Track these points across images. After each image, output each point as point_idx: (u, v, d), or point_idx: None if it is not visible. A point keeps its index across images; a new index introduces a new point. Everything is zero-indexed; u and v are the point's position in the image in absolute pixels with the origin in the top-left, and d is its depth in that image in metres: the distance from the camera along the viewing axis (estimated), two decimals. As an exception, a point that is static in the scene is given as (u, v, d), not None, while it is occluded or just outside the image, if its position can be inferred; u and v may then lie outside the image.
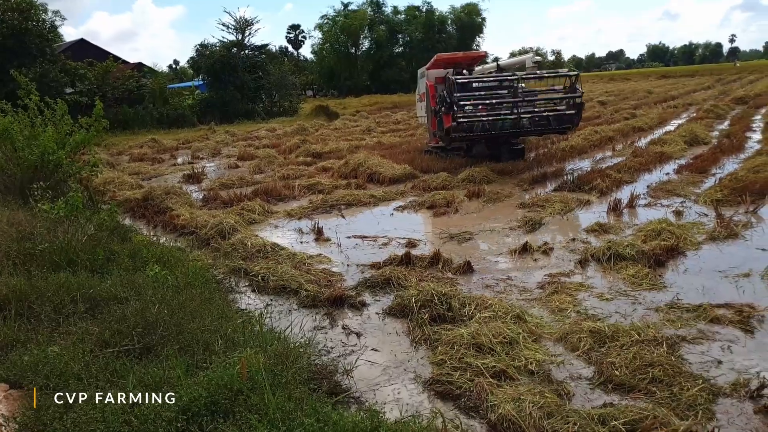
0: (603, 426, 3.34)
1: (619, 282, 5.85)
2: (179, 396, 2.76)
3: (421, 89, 14.70)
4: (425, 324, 4.94)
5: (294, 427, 2.51)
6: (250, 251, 7.21)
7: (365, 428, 2.56)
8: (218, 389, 2.82)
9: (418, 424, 2.85)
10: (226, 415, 2.73)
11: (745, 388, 3.76)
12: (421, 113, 15.24)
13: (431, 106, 13.13)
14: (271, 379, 2.94)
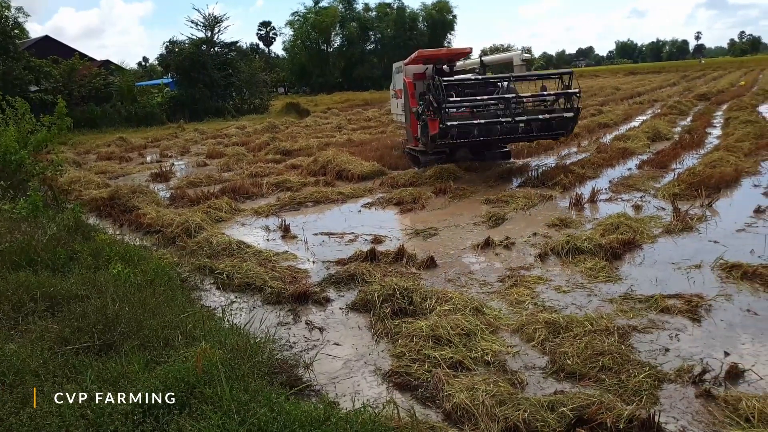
0: (552, 412, 3.47)
1: (576, 275, 6.03)
2: (136, 390, 2.79)
3: (398, 85, 13.65)
4: (387, 318, 5.03)
5: (247, 418, 2.56)
6: (216, 249, 7.21)
7: (318, 417, 2.62)
8: (174, 383, 2.86)
9: (370, 413, 2.92)
10: (182, 408, 2.77)
11: (688, 374, 3.93)
12: (397, 111, 14.26)
13: (410, 105, 12.26)
14: (228, 372, 2.99)
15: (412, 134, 12.48)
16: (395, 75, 13.91)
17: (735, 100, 25.02)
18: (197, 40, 37.91)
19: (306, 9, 69.77)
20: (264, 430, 2.49)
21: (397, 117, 14.43)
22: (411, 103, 12.12)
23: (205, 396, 2.77)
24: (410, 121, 12.40)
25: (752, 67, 66.91)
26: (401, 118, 13.61)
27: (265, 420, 2.52)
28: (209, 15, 38.28)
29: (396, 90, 13.91)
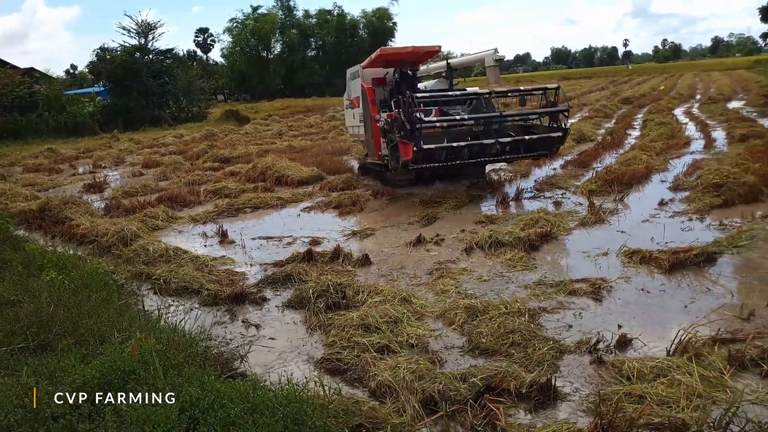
0: (464, 383, 3.88)
1: (497, 265, 6.52)
2: (73, 380, 2.98)
3: (354, 93, 11.91)
4: (321, 312, 5.34)
5: (181, 396, 2.82)
6: (153, 256, 7.29)
7: (245, 392, 2.91)
8: (111, 371, 3.07)
9: (294, 387, 3.22)
10: (116, 393, 2.98)
11: (586, 345, 4.44)
12: (353, 122, 12.26)
13: (371, 113, 10.66)
14: (162, 361, 3.22)
15: (375, 148, 10.80)
16: (350, 82, 12.16)
17: (654, 103, 26.73)
18: (130, 47, 37.02)
19: (244, 16, 69.29)
20: (195, 405, 2.75)
21: (354, 129, 12.47)
22: (372, 112, 10.62)
23: (141, 379, 3.00)
24: (372, 132, 10.70)
25: (673, 72, 71.05)
26: (359, 130, 11.83)
27: (196, 397, 2.79)
28: (142, 22, 37.51)
29: (352, 98, 12.10)
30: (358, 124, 11.84)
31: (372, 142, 10.91)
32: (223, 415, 2.66)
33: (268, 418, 2.67)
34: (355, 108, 11.93)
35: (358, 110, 11.68)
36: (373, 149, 10.96)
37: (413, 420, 3.57)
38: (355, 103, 11.84)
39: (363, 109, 11.19)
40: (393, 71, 11.18)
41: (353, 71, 11.95)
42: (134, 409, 2.72)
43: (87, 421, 2.73)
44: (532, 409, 3.69)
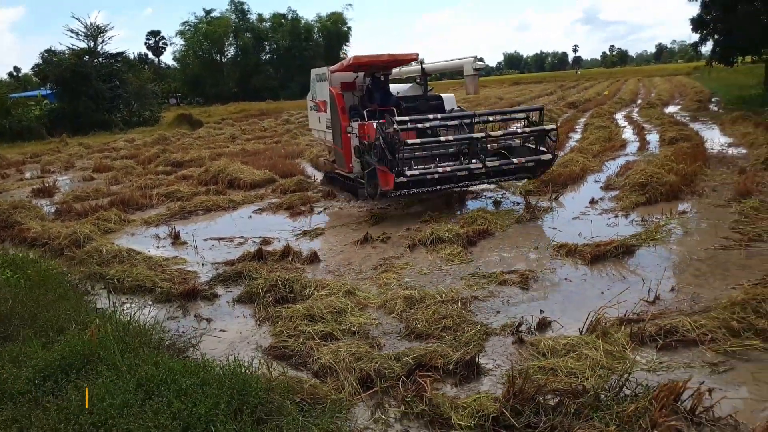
0: (398, 362, 4.30)
1: (437, 260, 6.99)
2: (36, 363, 3.25)
3: (320, 96, 11.27)
4: (269, 305, 5.68)
5: (137, 373, 3.12)
6: (106, 258, 7.46)
7: (196, 368, 3.24)
8: (71, 354, 3.34)
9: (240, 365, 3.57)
10: (78, 372, 3.26)
11: (510, 328, 4.93)
12: (319, 126, 11.65)
13: (341, 122, 10.02)
14: (120, 345, 3.51)
15: (345, 159, 10.14)
16: (316, 83, 11.53)
17: (597, 107, 27.95)
18: (79, 50, 36.21)
19: (197, 19, 68.45)
20: (150, 380, 3.07)
21: (319, 134, 11.92)
22: (342, 121, 9.98)
23: (100, 359, 3.29)
24: (342, 142, 10.06)
25: (618, 78, 73.89)
26: (326, 136, 11.22)
27: (151, 373, 3.10)
28: (91, 24, 36.74)
29: (317, 101, 11.50)
30: (324, 129, 11.24)
31: (342, 153, 10.22)
32: (175, 387, 2.99)
33: (216, 390, 3.02)
34: (321, 112, 11.33)
35: (324, 115, 11.07)
36: (343, 160, 10.24)
37: (351, 395, 3.97)
38: (321, 107, 11.24)
39: (331, 116, 10.53)
40: (363, 76, 10.68)
41: (320, 73, 11.25)
42: (95, 385, 3.02)
43: (51, 396, 3.01)
44: (458, 383, 4.14)
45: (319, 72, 11.37)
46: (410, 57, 10.62)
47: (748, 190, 8.88)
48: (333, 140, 10.78)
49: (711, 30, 25.76)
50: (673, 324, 4.65)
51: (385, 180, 8.51)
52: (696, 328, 4.57)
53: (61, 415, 2.68)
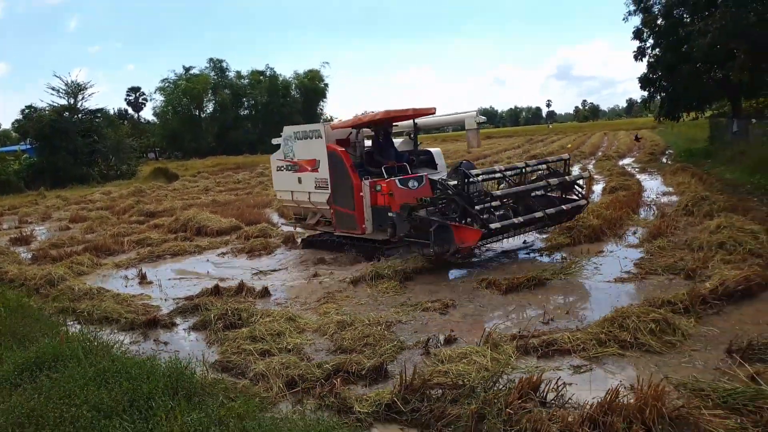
0: (319, 368, 5.17)
1: (375, 293, 7.91)
2: (15, 360, 4.05)
3: (301, 155, 10.76)
4: (219, 331, 6.52)
5: (95, 366, 3.95)
6: (78, 295, 8.24)
7: (144, 363, 4.08)
8: (44, 354, 4.15)
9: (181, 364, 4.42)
10: (49, 368, 4.07)
11: (422, 344, 5.83)
12: (296, 187, 10.97)
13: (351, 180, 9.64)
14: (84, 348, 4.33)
15: (357, 218, 9.69)
16: (293, 141, 10.93)
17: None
18: (59, 107, 37.34)
19: (176, 76, 70.32)
20: (106, 370, 3.90)
21: (297, 195, 11.13)
22: (354, 180, 9.63)
23: (67, 358, 4.11)
24: (354, 200, 9.64)
25: (586, 131, 77.18)
26: (313, 197, 10.66)
27: (107, 366, 3.93)
28: (72, 82, 38.01)
29: (296, 161, 10.90)
30: (310, 190, 10.61)
31: (352, 214, 9.76)
32: (126, 375, 3.83)
33: (159, 378, 3.87)
34: (302, 172, 10.74)
35: (311, 175, 10.51)
36: (353, 221, 9.78)
37: (277, 395, 4.81)
38: (305, 166, 10.65)
39: (332, 175, 10.06)
40: (357, 132, 10.48)
41: (302, 130, 10.77)
42: (62, 373, 3.84)
43: (28, 383, 3.82)
44: (368, 384, 5.02)
45: (301, 129, 10.82)
46: (430, 111, 10.51)
47: (660, 232, 10.02)
48: (332, 201, 10.20)
49: (657, 88, 27.85)
50: (554, 338, 5.61)
51: (464, 236, 8.17)
52: (572, 340, 5.53)
53: (35, 392, 3.49)
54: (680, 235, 9.91)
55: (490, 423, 4.05)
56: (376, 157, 10.32)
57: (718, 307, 6.19)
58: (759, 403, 3.95)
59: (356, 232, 9.94)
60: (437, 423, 4.23)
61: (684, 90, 25.38)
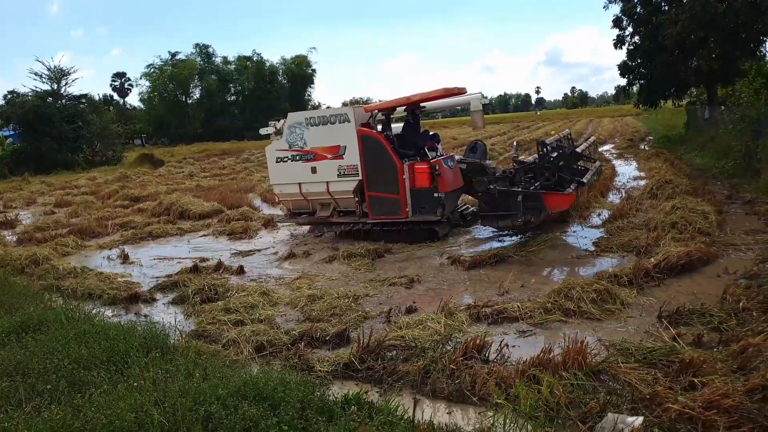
0: (286, 335, 5.61)
1: (348, 270, 8.35)
2: (1, 324, 4.45)
3: (316, 142, 10.07)
4: (197, 304, 6.94)
5: (76, 329, 4.35)
6: (62, 273, 8.60)
7: (120, 326, 4.49)
8: (29, 320, 4.55)
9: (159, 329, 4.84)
10: (34, 332, 4.47)
11: (384, 314, 6.28)
12: (308, 178, 10.25)
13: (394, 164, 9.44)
14: (66, 314, 4.73)
15: (401, 202, 9.52)
16: (303, 129, 10.14)
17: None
18: (42, 92, 37.19)
19: (162, 62, 69.86)
20: (86, 333, 4.31)
21: (309, 187, 10.35)
22: (397, 164, 9.45)
23: (50, 322, 4.51)
24: (398, 185, 9.45)
25: (573, 118, 77.79)
26: (333, 186, 10.11)
27: (87, 329, 4.34)
28: (55, 67, 37.85)
29: (310, 149, 10.14)
30: (332, 179, 10.03)
31: (397, 198, 9.54)
32: (104, 336, 4.24)
33: (135, 338, 4.28)
34: (322, 160, 10.04)
35: (335, 162, 9.94)
36: (399, 206, 9.56)
37: (246, 358, 5.25)
38: (324, 155, 10.02)
39: (366, 160, 9.69)
40: (374, 115, 10.20)
41: (320, 115, 10.09)
42: (46, 335, 4.25)
43: (14, 343, 4.22)
44: (331, 348, 5.47)
45: (318, 115, 10.15)
46: (462, 90, 10.44)
47: (622, 214, 10.51)
48: (367, 187, 9.77)
49: (635, 75, 28.31)
50: (505, 307, 6.09)
51: (556, 201, 8.88)
52: (521, 309, 6.01)
53: (20, 349, 3.89)
54: (641, 216, 10.42)
55: (435, 377, 4.52)
56: (412, 139, 10.34)
57: (660, 279, 6.70)
58: (671, 358, 4.44)
59: (398, 217, 9.70)
60: (389, 378, 4.70)
61: (661, 77, 25.84)
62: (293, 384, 3.66)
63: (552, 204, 8.88)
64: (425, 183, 9.37)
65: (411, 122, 10.67)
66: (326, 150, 10.08)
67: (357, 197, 10.07)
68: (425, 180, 9.36)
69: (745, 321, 5.08)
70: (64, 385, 3.54)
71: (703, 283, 6.55)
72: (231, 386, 3.39)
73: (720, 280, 6.47)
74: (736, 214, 9.74)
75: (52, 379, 3.59)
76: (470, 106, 10.64)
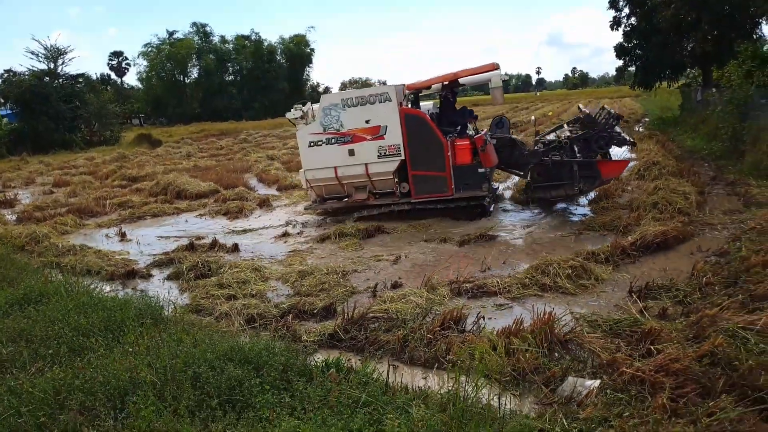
0: (276, 308, 5.91)
1: (337, 249, 8.63)
2: (5, 297, 4.74)
3: (352, 123, 9.80)
4: (191, 280, 7.23)
5: (75, 300, 4.64)
6: (61, 251, 8.88)
7: (117, 298, 4.78)
8: (31, 292, 4.84)
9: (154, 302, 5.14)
10: (35, 303, 4.76)
11: (369, 289, 6.56)
12: (339, 162, 9.97)
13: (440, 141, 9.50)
14: (66, 288, 5.02)
15: (448, 180, 9.60)
16: (339, 110, 9.84)
17: (537, 126, 30.14)
18: (39, 71, 37.14)
19: (160, 41, 69.41)
20: (85, 304, 4.60)
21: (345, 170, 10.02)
22: (443, 140, 9.54)
23: (51, 295, 4.80)
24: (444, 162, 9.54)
25: (572, 99, 77.58)
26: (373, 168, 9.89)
27: (86, 301, 4.62)
28: (51, 46, 37.75)
29: (348, 131, 9.86)
30: (372, 160, 9.84)
31: (444, 176, 9.61)
32: (102, 307, 4.53)
33: (131, 309, 4.57)
34: (361, 141, 9.82)
35: (374, 143, 9.77)
36: (445, 184, 9.64)
37: (238, 329, 5.55)
38: (363, 136, 9.82)
39: (409, 139, 9.65)
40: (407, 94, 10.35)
41: (358, 96, 9.82)
42: (47, 306, 4.54)
43: (18, 313, 4.52)
44: (318, 321, 5.77)
45: (356, 95, 9.87)
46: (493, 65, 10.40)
47: (609, 194, 10.77)
48: (411, 166, 9.74)
49: (631, 57, 28.32)
50: (485, 282, 6.38)
51: (611, 168, 9.55)
52: (500, 284, 6.30)
53: (24, 319, 4.18)
54: (627, 196, 10.68)
55: (412, 345, 4.83)
56: (452, 117, 10.45)
57: (635, 257, 6.99)
58: (635, 328, 4.74)
59: (445, 195, 9.76)
60: (370, 347, 5.01)
61: (657, 59, 25.86)
62: (277, 350, 3.96)
63: (606, 171, 9.41)
64: (467, 159, 9.52)
65: (450, 99, 10.71)
66: (365, 131, 9.89)
67: (396, 178, 9.99)
68: (467, 156, 9.51)
69: (707, 295, 5.37)
70: (64, 350, 3.85)
71: (676, 261, 6.83)
72: (218, 351, 3.69)
73: (692, 258, 6.75)
74: (718, 195, 9.99)
75: (53, 345, 3.89)
76: (491, 82, 10.58)
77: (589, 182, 9.51)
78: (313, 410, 3.21)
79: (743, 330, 4.26)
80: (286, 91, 69.31)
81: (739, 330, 4.26)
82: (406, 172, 9.86)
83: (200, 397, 3.23)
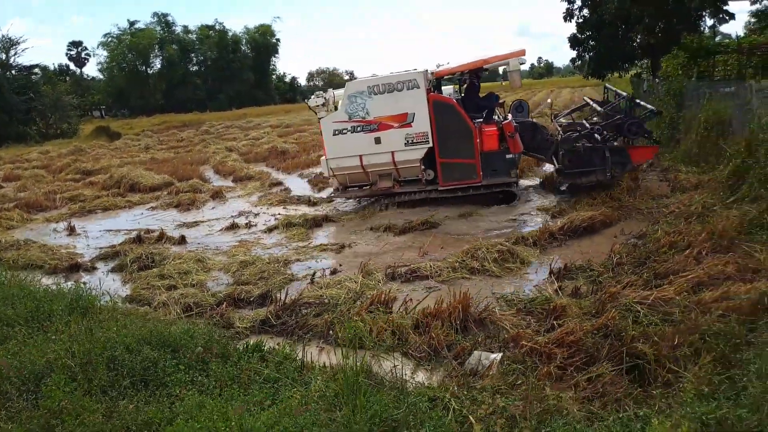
0: (213, 297, 6.09)
1: (283, 239, 8.82)
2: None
3: (379, 111, 9.68)
4: (134, 272, 7.34)
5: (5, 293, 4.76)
6: (4, 246, 8.85)
7: (50, 289, 4.90)
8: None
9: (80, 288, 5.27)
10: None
11: (309, 276, 6.78)
12: (365, 150, 9.82)
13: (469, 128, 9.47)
14: None
15: (477, 166, 9.59)
16: (365, 98, 9.72)
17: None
18: (-11, 63, 36.08)
19: (120, 30, 67.79)
20: (14, 295, 4.72)
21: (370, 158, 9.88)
22: (472, 126, 9.51)
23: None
24: (473, 148, 9.51)
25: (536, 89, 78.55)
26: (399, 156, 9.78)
27: (16, 292, 4.74)
28: (3, 37, 36.64)
29: (374, 119, 9.72)
30: (399, 148, 9.72)
31: (473, 163, 9.59)
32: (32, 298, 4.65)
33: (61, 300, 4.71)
34: (388, 129, 9.71)
35: (402, 131, 9.67)
36: (474, 170, 9.63)
37: (175, 318, 5.71)
38: (390, 123, 9.70)
39: (437, 126, 9.55)
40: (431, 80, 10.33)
41: (385, 83, 9.63)
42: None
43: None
44: (254, 308, 5.97)
45: (382, 82, 9.66)
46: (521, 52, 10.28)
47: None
48: (440, 154, 9.66)
49: (584, 48, 29.01)
50: (418, 267, 6.66)
51: (641, 154, 9.79)
52: (432, 269, 6.59)
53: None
54: (567, 183, 11.09)
55: (338, 328, 5.08)
56: (480, 102, 10.42)
57: (562, 240, 7.37)
58: (545, 306, 5.08)
59: (473, 182, 9.74)
60: (299, 331, 5.24)
61: (608, 50, 26.58)
62: (197, 333, 4.15)
63: (637, 157, 9.65)
64: (494, 145, 9.53)
65: (476, 84, 10.67)
66: (392, 119, 9.73)
67: (423, 165, 9.91)
68: (494, 142, 9.51)
69: (618, 274, 5.75)
70: (-15, 339, 3.97)
71: (600, 243, 7.22)
72: (137, 335, 3.86)
73: (615, 240, 7.16)
74: (651, 181, 10.48)
75: (-27, 335, 4.01)
76: (508, 65, 10.30)
77: (619, 168, 9.58)
78: (224, 388, 3.43)
79: (638, 305, 4.63)
80: (251, 81, 68.63)
81: (634, 305, 4.63)
82: (431, 159, 9.82)
83: (114, 378, 3.41)
